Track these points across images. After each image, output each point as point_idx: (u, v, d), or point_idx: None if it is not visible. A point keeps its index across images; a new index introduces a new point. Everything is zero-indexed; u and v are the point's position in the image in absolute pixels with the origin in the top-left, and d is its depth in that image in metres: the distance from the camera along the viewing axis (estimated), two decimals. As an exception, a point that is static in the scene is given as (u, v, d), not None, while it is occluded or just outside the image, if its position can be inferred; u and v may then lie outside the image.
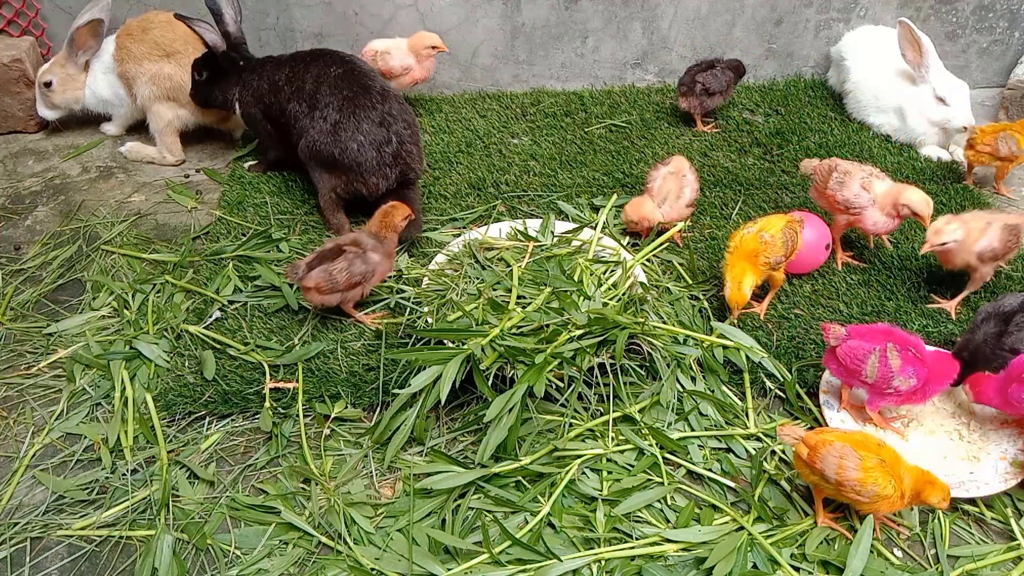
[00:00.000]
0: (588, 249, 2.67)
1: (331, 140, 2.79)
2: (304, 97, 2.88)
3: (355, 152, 2.77)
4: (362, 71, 2.92)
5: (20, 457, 2.23)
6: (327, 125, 2.80)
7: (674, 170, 2.85)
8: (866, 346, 2.14)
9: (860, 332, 2.19)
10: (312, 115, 2.84)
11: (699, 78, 3.50)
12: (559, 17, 3.84)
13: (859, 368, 2.14)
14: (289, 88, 2.93)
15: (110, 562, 1.98)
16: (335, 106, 2.81)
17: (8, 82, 3.50)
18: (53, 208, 3.22)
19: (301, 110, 2.88)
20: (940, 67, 3.40)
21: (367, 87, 2.85)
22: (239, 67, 3.16)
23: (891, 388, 2.15)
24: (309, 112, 2.85)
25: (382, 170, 2.81)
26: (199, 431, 2.31)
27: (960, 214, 2.57)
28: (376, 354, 2.42)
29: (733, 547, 1.92)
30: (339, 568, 1.93)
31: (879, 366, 2.13)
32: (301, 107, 2.88)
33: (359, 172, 2.79)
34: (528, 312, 2.33)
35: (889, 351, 2.14)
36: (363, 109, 2.80)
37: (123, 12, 3.67)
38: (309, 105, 2.86)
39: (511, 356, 2.19)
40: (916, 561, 1.98)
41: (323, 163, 2.84)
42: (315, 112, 2.83)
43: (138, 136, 3.63)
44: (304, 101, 2.87)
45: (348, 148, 2.77)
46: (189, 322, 2.58)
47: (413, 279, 2.63)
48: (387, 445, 2.21)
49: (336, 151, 2.79)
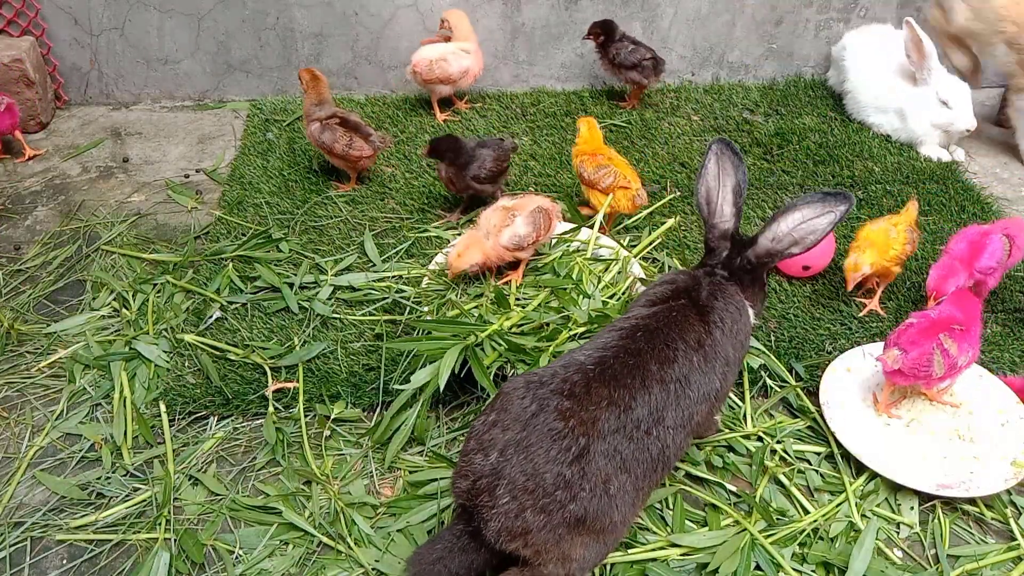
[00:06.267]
0: (587, 249, 2.68)
1: None
2: None
3: None
4: None
5: (20, 457, 2.23)
6: None
7: (510, 205, 2.62)
8: (926, 351, 2.16)
9: (908, 338, 2.20)
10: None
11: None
12: (559, 17, 3.84)
13: (929, 372, 2.17)
14: None
15: (110, 562, 1.97)
16: None
17: (8, 82, 3.49)
18: (53, 208, 3.22)
19: None
20: (942, 69, 3.40)
21: None
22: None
23: (957, 367, 2.20)
24: None
25: None
26: (200, 431, 2.31)
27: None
28: (376, 354, 2.42)
29: (736, 547, 1.92)
30: (340, 568, 1.93)
31: (944, 359, 2.16)
32: None
33: None
34: (528, 311, 2.33)
35: (944, 342, 2.17)
36: None
37: (123, 12, 3.68)
38: None
39: (512, 355, 2.19)
40: (916, 561, 1.98)
41: None
42: None
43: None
44: None
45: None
46: (189, 322, 2.58)
47: (413, 279, 2.64)
48: (387, 445, 2.21)
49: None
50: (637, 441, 1.73)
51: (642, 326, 1.90)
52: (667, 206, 3.09)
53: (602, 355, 1.81)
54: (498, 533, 1.66)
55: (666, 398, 1.80)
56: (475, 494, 1.67)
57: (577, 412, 1.69)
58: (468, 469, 1.70)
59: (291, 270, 2.77)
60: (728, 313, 1.98)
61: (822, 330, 2.57)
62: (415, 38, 3.77)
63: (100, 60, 3.82)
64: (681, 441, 1.85)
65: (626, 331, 1.89)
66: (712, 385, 1.90)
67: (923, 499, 2.10)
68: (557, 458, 1.64)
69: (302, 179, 3.28)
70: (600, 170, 2.82)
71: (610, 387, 1.75)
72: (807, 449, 2.23)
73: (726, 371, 1.95)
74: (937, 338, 2.17)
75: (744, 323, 2.03)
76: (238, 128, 3.73)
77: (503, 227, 2.53)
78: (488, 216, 2.59)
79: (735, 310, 2.00)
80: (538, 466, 1.64)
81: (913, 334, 2.19)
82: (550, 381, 1.75)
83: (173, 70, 3.88)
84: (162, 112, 3.90)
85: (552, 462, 1.64)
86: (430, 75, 3.51)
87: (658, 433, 1.77)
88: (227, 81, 3.92)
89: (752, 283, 2.09)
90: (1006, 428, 2.26)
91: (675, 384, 1.83)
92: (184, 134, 3.71)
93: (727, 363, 1.95)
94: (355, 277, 2.72)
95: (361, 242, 2.90)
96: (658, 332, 1.88)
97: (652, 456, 1.77)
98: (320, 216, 3.07)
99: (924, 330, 2.19)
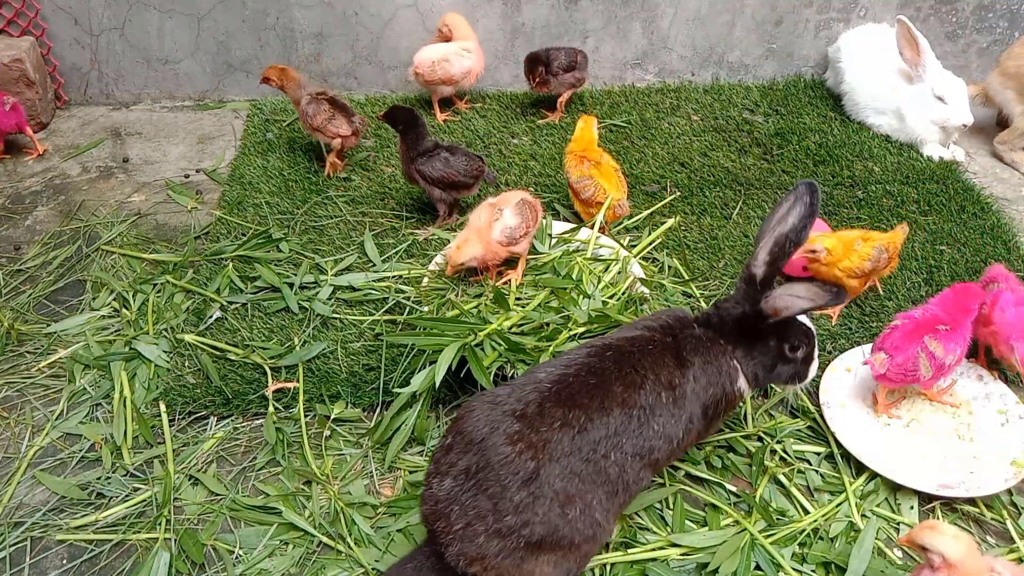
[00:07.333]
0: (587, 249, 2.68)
1: None
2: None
3: None
4: None
5: (20, 457, 2.23)
6: None
7: (495, 201, 2.63)
8: (910, 354, 2.16)
9: (892, 342, 2.20)
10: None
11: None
12: (559, 17, 3.84)
13: (915, 375, 2.17)
14: None
15: (110, 562, 1.97)
16: None
17: (8, 82, 3.49)
18: (53, 208, 3.22)
19: None
20: (938, 66, 3.40)
21: None
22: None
23: (945, 369, 2.19)
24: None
25: None
26: (200, 431, 2.31)
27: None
28: (376, 354, 2.42)
29: (736, 547, 1.92)
30: (340, 568, 1.93)
31: (930, 362, 2.16)
32: None
33: None
34: (527, 311, 2.33)
35: (929, 344, 2.16)
36: None
37: (123, 12, 3.68)
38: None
39: (511, 354, 2.19)
40: (916, 561, 1.98)
41: None
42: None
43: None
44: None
45: None
46: (189, 322, 2.58)
47: (413, 279, 2.64)
48: (387, 445, 2.21)
49: None
50: (595, 464, 1.68)
51: (614, 347, 1.83)
52: (667, 206, 3.09)
53: (563, 373, 1.75)
54: (457, 557, 1.64)
55: (627, 423, 1.73)
56: (434, 519, 1.66)
57: (526, 435, 1.64)
58: (428, 493, 1.68)
59: (291, 270, 2.77)
60: (705, 374, 1.86)
61: (822, 330, 2.57)
62: (415, 38, 3.77)
63: (100, 60, 3.82)
64: (639, 472, 1.76)
65: (595, 349, 1.82)
66: (675, 430, 1.80)
67: (923, 499, 2.10)
68: (506, 484, 1.61)
69: (302, 179, 3.28)
70: (582, 180, 2.81)
71: (565, 407, 1.69)
72: (807, 449, 2.23)
73: (690, 427, 1.84)
74: (921, 341, 2.17)
75: (723, 389, 1.88)
76: (238, 128, 3.73)
77: (492, 222, 2.53)
78: (476, 215, 2.59)
79: (715, 372, 1.87)
80: (489, 492, 1.61)
81: (897, 338, 2.20)
82: (505, 401, 1.71)
83: (173, 70, 3.88)
84: (162, 112, 3.90)
85: (502, 487, 1.61)
86: (432, 76, 3.51)
87: (616, 458, 1.71)
88: (227, 81, 3.92)
89: (754, 342, 1.92)
90: (1006, 428, 2.26)
91: (638, 411, 1.75)
92: (184, 134, 3.71)
93: (690, 420, 1.84)
94: (355, 277, 2.72)
95: (361, 242, 2.90)
96: (629, 355, 1.80)
97: (611, 479, 1.70)
98: (320, 216, 3.07)
99: (908, 333, 2.19)
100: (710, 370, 1.87)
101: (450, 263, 2.52)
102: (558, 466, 1.65)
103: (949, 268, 2.81)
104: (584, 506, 1.67)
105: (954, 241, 2.95)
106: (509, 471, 1.62)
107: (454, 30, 3.59)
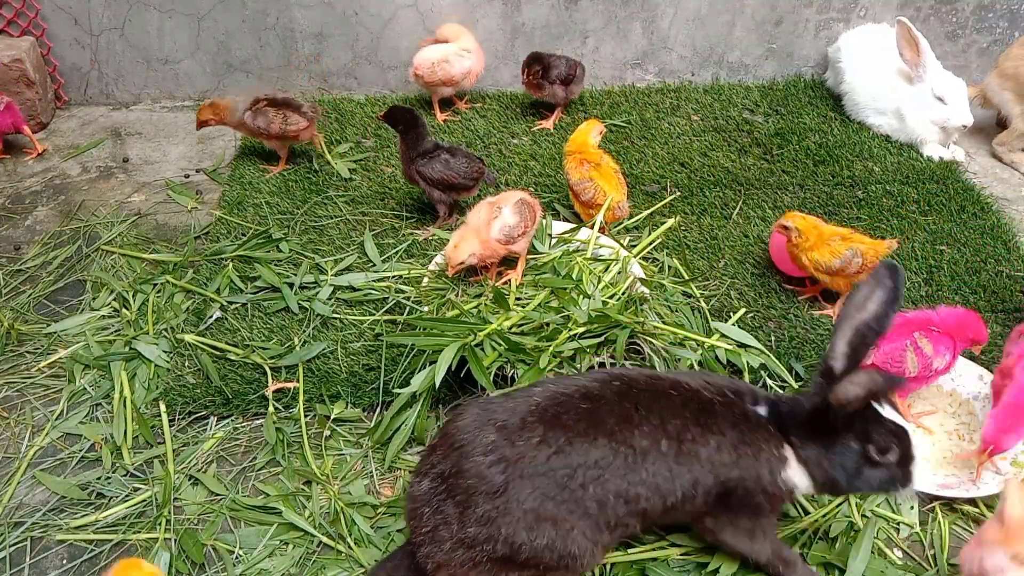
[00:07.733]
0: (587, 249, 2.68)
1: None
2: None
3: None
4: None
5: (20, 457, 2.23)
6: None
7: (494, 200, 2.63)
8: (898, 346, 2.16)
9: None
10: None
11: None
12: (559, 17, 3.84)
13: (901, 368, 2.16)
14: None
15: (110, 562, 1.97)
16: None
17: (8, 82, 3.49)
18: (53, 208, 3.22)
19: None
20: (938, 66, 3.40)
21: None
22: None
23: (932, 371, 2.18)
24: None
25: None
26: (200, 431, 2.31)
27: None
28: (376, 354, 2.42)
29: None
30: (340, 568, 1.93)
31: (917, 358, 2.15)
32: None
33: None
34: (528, 311, 2.33)
35: (919, 340, 2.16)
36: None
37: (123, 12, 3.68)
38: None
39: (511, 354, 2.19)
40: (916, 561, 1.98)
41: None
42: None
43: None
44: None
45: None
46: (189, 322, 2.58)
47: (413, 279, 2.64)
48: (387, 445, 2.21)
49: None
50: (571, 492, 1.61)
51: (626, 379, 1.74)
52: (667, 206, 3.09)
53: (558, 391, 1.71)
54: (425, 559, 1.64)
55: (611, 459, 1.63)
56: (410, 517, 1.66)
57: (500, 447, 1.61)
58: (410, 490, 1.69)
59: (291, 270, 2.77)
60: (735, 451, 1.69)
61: (822, 330, 2.57)
62: (415, 38, 3.76)
63: (100, 60, 3.82)
64: (624, 517, 1.66)
65: (604, 376, 1.76)
66: (671, 486, 1.66)
67: (923, 499, 2.10)
68: (472, 493, 1.59)
69: (302, 179, 3.28)
70: (582, 182, 2.81)
71: (547, 425, 1.64)
72: (807, 449, 2.22)
73: (693, 495, 1.69)
74: (911, 336, 2.16)
75: (756, 474, 1.70)
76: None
77: (491, 220, 2.53)
78: (475, 214, 2.59)
79: (749, 454, 1.70)
80: (457, 499, 1.60)
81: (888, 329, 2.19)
82: (494, 409, 1.69)
83: (173, 70, 3.88)
84: (162, 112, 3.90)
85: (468, 496, 1.59)
86: (432, 77, 3.51)
87: (595, 492, 1.62)
88: (227, 81, 3.92)
89: (830, 440, 1.72)
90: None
91: (627, 450, 1.64)
92: (184, 134, 3.71)
93: (695, 487, 1.69)
94: (355, 277, 2.72)
95: (361, 242, 2.90)
96: (638, 393, 1.70)
97: (590, 513, 1.62)
98: (320, 216, 3.07)
99: (899, 326, 2.19)
100: (743, 450, 1.71)
101: (450, 263, 2.52)
102: (529, 484, 1.60)
103: (949, 268, 2.81)
104: (558, 534, 1.61)
105: (954, 241, 2.95)
106: (478, 481, 1.60)
107: (452, 38, 3.59)
